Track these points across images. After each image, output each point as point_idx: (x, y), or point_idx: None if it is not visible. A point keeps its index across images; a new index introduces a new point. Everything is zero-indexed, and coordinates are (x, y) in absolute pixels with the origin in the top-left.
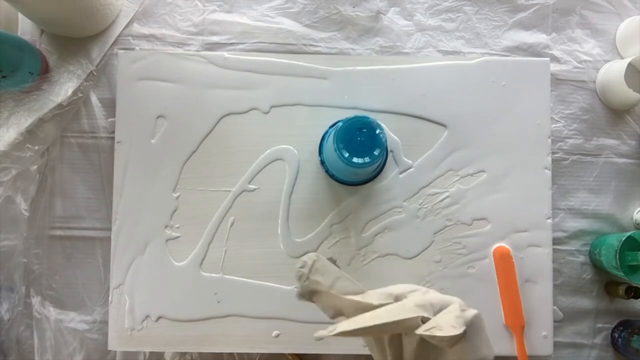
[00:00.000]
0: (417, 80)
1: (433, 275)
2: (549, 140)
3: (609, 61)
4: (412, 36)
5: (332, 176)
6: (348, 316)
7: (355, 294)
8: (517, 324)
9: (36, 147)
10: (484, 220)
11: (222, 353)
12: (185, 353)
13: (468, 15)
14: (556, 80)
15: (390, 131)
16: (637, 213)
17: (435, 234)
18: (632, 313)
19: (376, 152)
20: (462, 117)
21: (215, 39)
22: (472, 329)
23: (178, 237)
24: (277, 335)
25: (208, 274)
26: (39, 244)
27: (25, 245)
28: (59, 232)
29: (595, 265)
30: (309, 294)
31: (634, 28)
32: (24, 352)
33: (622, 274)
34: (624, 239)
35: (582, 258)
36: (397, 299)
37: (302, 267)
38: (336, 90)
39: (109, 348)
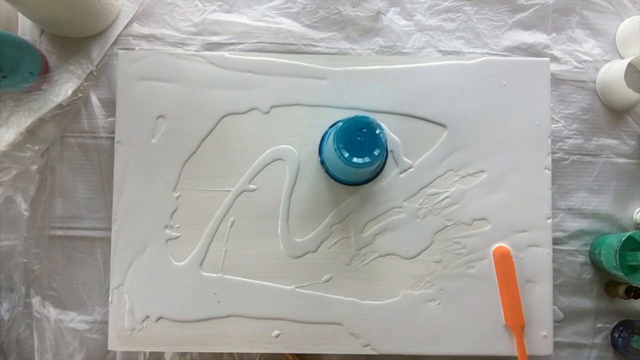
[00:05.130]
0: (417, 80)
1: (433, 275)
2: (549, 140)
3: (609, 61)
4: (412, 36)
5: (332, 176)
6: None
7: None
8: (517, 324)
9: (36, 147)
10: (484, 220)
11: (222, 353)
12: (185, 353)
13: (468, 15)
14: (556, 80)
15: (390, 131)
16: (637, 213)
17: (435, 234)
18: (632, 313)
19: (376, 152)
20: (462, 117)
21: (215, 39)
22: None
23: (178, 237)
24: (277, 335)
25: (208, 274)
26: (39, 244)
27: (25, 245)
28: (59, 232)
29: (595, 265)
30: None
31: (634, 28)
32: (24, 352)
33: (622, 274)
34: (624, 239)
35: (582, 258)
36: None
37: None
38: (336, 90)
39: (109, 348)
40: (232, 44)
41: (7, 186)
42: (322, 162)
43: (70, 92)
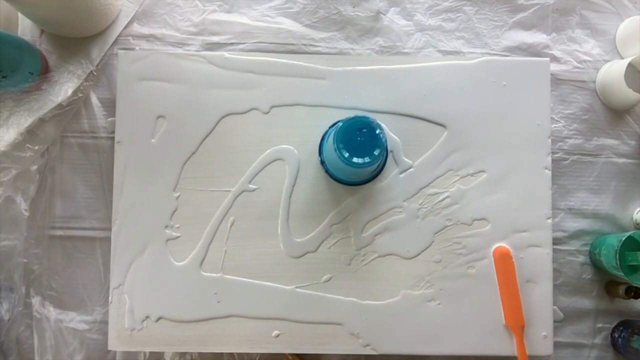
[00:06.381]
0: (417, 80)
1: (433, 275)
2: (549, 140)
3: (609, 61)
4: (412, 36)
5: (332, 176)
6: None
7: None
8: (517, 324)
9: (36, 147)
10: (484, 220)
11: (222, 353)
12: (185, 353)
13: (468, 15)
14: (556, 80)
15: (390, 131)
16: (637, 213)
17: (435, 234)
18: (632, 313)
19: (376, 152)
20: (462, 117)
21: (215, 39)
22: None
23: (178, 237)
24: (277, 335)
25: (208, 274)
26: (39, 244)
27: (25, 245)
28: (59, 232)
29: (595, 265)
30: None
31: (634, 28)
32: (24, 352)
33: (622, 274)
34: (624, 239)
35: (582, 258)
36: None
37: None
38: (336, 90)
39: (109, 348)
40: (232, 44)
41: (7, 186)
42: (322, 162)
43: (70, 92)
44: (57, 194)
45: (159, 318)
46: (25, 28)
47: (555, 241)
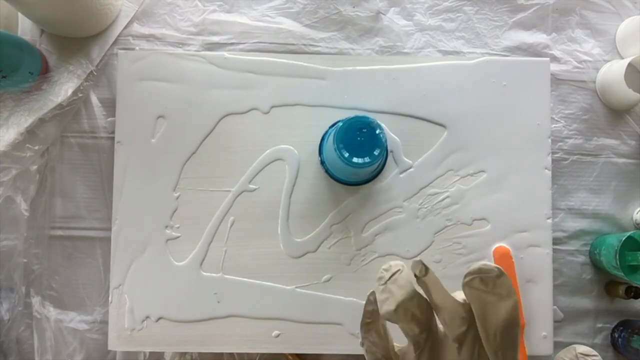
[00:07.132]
0: (417, 80)
1: None
2: (549, 140)
3: (609, 61)
4: (412, 36)
5: (332, 176)
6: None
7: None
8: None
9: (36, 147)
10: (484, 220)
11: (222, 353)
12: (185, 353)
13: (468, 15)
14: (556, 80)
15: (390, 131)
16: (637, 213)
17: (435, 234)
18: (632, 313)
19: (376, 152)
20: (462, 117)
21: (215, 39)
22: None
23: (178, 237)
24: (277, 335)
25: (208, 274)
26: (39, 244)
27: (25, 245)
28: (59, 232)
29: (595, 265)
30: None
31: (634, 28)
32: (24, 352)
33: (622, 274)
34: (624, 239)
35: (582, 258)
36: None
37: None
38: (336, 90)
39: (109, 348)
40: (232, 44)
41: (7, 186)
42: (322, 162)
43: (70, 92)
44: (57, 194)
45: (159, 318)
46: (25, 28)
47: (555, 241)
